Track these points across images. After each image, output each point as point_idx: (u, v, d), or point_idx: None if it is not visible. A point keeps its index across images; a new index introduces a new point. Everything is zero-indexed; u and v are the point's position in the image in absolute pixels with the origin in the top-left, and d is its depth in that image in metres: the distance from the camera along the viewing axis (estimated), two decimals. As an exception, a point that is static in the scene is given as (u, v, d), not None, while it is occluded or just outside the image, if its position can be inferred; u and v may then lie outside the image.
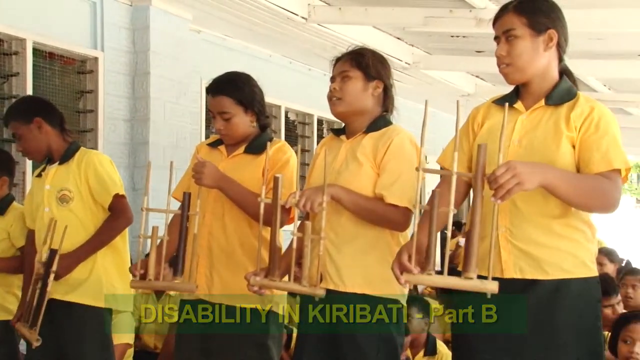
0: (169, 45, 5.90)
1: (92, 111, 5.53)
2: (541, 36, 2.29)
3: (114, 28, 5.68)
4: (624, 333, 3.36)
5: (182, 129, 6.03)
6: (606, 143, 2.21)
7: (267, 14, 5.88)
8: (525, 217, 2.27)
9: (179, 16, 5.98)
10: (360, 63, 2.67)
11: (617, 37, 6.56)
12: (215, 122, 2.96)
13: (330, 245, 2.57)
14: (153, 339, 4.87)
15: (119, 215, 3.19)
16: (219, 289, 2.88)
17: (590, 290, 2.29)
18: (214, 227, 2.90)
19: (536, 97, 2.33)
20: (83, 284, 3.15)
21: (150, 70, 5.76)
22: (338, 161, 2.65)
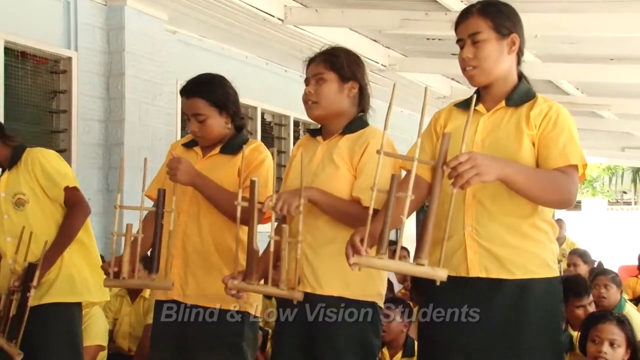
0: (144, 45, 5.86)
1: (65, 111, 5.48)
2: (505, 40, 2.34)
3: (88, 28, 5.63)
4: (592, 333, 3.40)
5: (158, 130, 5.99)
6: (563, 140, 2.27)
7: (244, 15, 5.86)
8: (492, 217, 2.29)
9: (154, 16, 5.94)
10: (334, 64, 2.66)
11: (589, 42, 6.60)
12: (189, 124, 2.94)
13: (307, 248, 2.57)
14: (127, 342, 4.86)
15: (75, 209, 3.19)
16: (193, 290, 2.88)
17: (553, 290, 2.34)
18: (189, 228, 2.90)
19: (497, 99, 2.38)
20: (54, 283, 3.14)
21: (125, 71, 5.71)
22: (314, 163, 2.65)
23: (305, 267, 2.58)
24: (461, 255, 2.31)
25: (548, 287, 2.32)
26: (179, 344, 2.90)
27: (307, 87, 2.69)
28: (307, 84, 2.70)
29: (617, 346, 3.33)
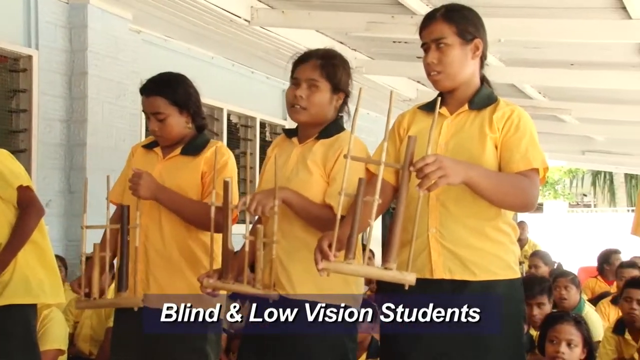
0: (107, 44, 5.80)
1: (25, 111, 5.38)
2: (469, 45, 2.37)
3: (49, 26, 5.55)
4: (550, 333, 3.46)
5: (121, 130, 5.93)
6: (525, 143, 2.30)
7: (210, 15, 5.82)
8: (455, 219, 2.31)
9: (118, 15, 5.87)
10: (331, 75, 2.62)
11: (552, 47, 6.68)
12: (149, 123, 2.91)
13: (282, 252, 2.54)
14: (88, 345, 4.83)
15: (28, 209, 3.13)
16: (155, 293, 2.83)
17: (515, 292, 2.37)
18: (150, 230, 2.87)
19: (460, 102, 2.40)
20: (8, 285, 3.07)
21: (87, 70, 5.65)
22: (288, 167, 2.63)
23: (280, 271, 2.56)
24: (425, 257, 2.32)
25: (510, 289, 2.34)
26: (140, 348, 2.86)
27: (296, 88, 2.63)
28: (296, 84, 2.64)
29: (574, 346, 3.40)
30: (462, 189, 2.24)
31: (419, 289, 2.21)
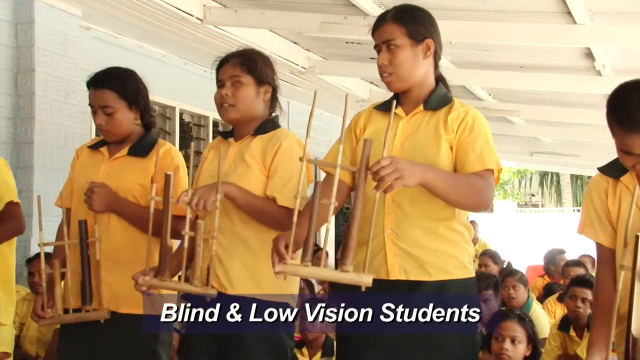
0: (55, 41, 5.70)
1: (-31, 107, 5.30)
2: (420, 45, 2.39)
3: (-6, 21, 5.46)
4: (496, 331, 3.52)
5: (70, 128, 5.83)
6: (480, 145, 2.33)
7: (162, 13, 5.75)
8: (411, 220, 2.34)
9: (66, 12, 5.77)
10: (251, 68, 2.67)
11: (501, 50, 6.76)
12: (96, 117, 2.90)
13: (220, 249, 2.55)
14: (35, 347, 4.82)
15: (10, 222, 3.10)
16: (107, 297, 2.81)
17: (469, 291, 2.40)
18: (103, 233, 2.83)
19: (415, 102, 2.43)
20: None
21: (35, 67, 5.54)
22: (226, 164, 2.65)
23: (218, 268, 2.56)
24: (381, 258, 2.34)
25: (464, 288, 2.37)
26: (88, 351, 2.83)
27: (222, 89, 2.66)
28: (221, 85, 2.67)
29: (518, 342, 3.48)
30: (417, 191, 2.26)
31: (374, 289, 2.22)
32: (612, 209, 2.22)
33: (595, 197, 2.27)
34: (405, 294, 2.31)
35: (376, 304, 2.30)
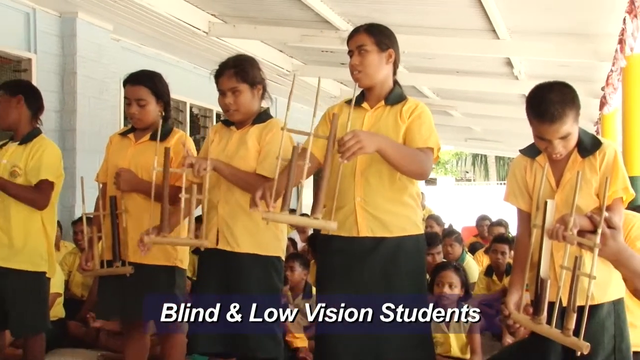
0: (92, 50, 5.70)
1: (26, 103, 5.26)
2: (384, 53, 2.39)
3: (45, 35, 5.42)
4: (437, 278, 3.58)
5: (104, 119, 5.84)
6: (425, 128, 2.33)
7: (175, 28, 5.75)
8: (376, 190, 2.32)
9: (101, 27, 5.77)
10: (245, 77, 2.63)
11: (442, 58, 6.78)
12: (130, 107, 2.86)
13: (227, 215, 2.55)
14: (80, 289, 4.80)
15: (35, 193, 2.97)
16: (132, 251, 2.79)
17: (419, 245, 2.40)
18: (127, 200, 2.82)
19: (378, 99, 2.41)
20: (21, 251, 2.96)
21: (76, 71, 5.55)
22: (230, 148, 2.62)
23: (225, 231, 2.55)
24: (353, 220, 2.33)
25: (416, 243, 2.37)
26: (121, 293, 2.80)
27: (225, 98, 2.63)
28: (222, 94, 2.64)
29: (454, 287, 3.52)
30: (380, 167, 2.28)
31: (347, 244, 2.32)
32: (529, 181, 2.19)
33: (517, 172, 2.23)
34: (371, 248, 2.30)
35: (347, 256, 2.31)
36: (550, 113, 1.99)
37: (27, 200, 2.97)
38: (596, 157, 2.07)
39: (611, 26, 4.92)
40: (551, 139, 2.03)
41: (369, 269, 2.30)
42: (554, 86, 2.05)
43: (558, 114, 1.99)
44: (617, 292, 2.07)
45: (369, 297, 2.26)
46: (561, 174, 2.10)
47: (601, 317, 2.03)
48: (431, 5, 5.15)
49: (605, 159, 2.06)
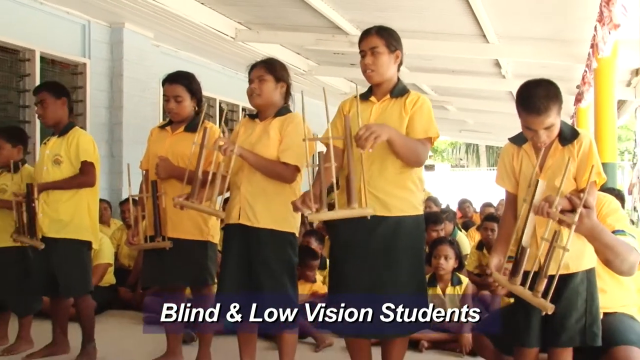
0: (136, 55, 5.75)
1: (81, 101, 5.36)
2: (393, 54, 2.36)
3: (97, 43, 5.50)
4: (434, 251, 3.55)
5: (145, 114, 5.89)
6: (424, 119, 2.30)
7: (207, 34, 5.79)
8: (379, 174, 2.30)
9: (143, 35, 5.82)
10: (272, 70, 2.63)
11: (439, 59, 6.76)
12: (168, 103, 2.88)
13: (248, 194, 2.53)
14: (127, 260, 4.86)
15: (80, 176, 3.02)
16: (171, 227, 2.79)
17: (418, 224, 2.37)
18: (166, 183, 2.82)
19: (384, 93, 2.38)
20: (69, 224, 3.00)
21: (123, 73, 5.61)
22: (254, 137, 2.59)
23: (247, 208, 2.53)
24: (359, 201, 2.26)
25: (415, 222, 2.34)
26: (162, 264, 2.82)
27: (251, 84, 2.63)
28: (250, 82, 2.64)
29: (449, 258, 3.49)
30: (383, 154, 2.24)
31: (354, 223, 2.22)
32: (516, 167, 2.15)
33: (506, 158, 2.19)
34: (374, 225, 2.25)
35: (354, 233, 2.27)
36: (537, 106, 1.98)
37: (78, 185, 3.02)
38: (574, 146, 2.04)
39: (584, 33, 4.94)
40: (537, 129, 2.01)
41: (373, 244, 2.27)
42: (541, 83, 2.03)
43: (544, 107, 1.98)
44: (589, 263, 2.06)
45: (373, 267, 2.27)
46: (544, 160, 2.08)
47: (575, 284, 2.02)
48: (429, 13, 5.16)
49: (582, 148, 2.04)
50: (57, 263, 2.97)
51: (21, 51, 4.94)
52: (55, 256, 2.97)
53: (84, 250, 3.05)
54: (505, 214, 2.21)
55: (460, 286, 3.50)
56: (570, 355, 2.11)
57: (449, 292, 3.50)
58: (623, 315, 2.30)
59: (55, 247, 2.97)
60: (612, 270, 2.10)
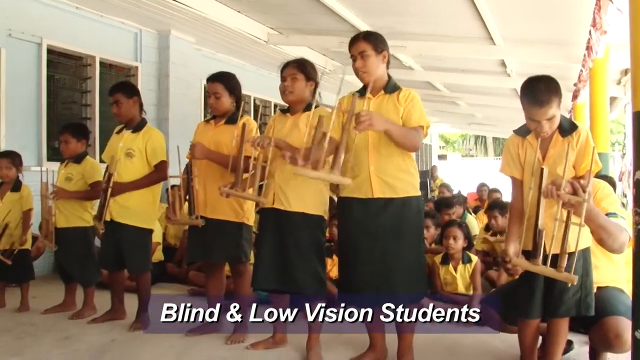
0: (180, 57, 5.81)
1: (134, 99, 5.46)
2: (380, 55, 2.33)
3: (147, 48, 5.59)
4: (445, 233, 3.55)
5: (189, 110, 5.96)
6: (417, 111, 2.30)
7: (242, 38, 5.81)
8: (385, 160, 2.29)
9: (186, 40, 5.88)
10: (303, 69, 2.61)
11: (450, 59, 6.69)
12: (210, 99, 2.89)
13: (281, 181, 2.53)
14: (174, 239, 4.94)
15: (157, 173, 3.07)
16: (211, 209, 2.80)
17: (419, 205, 2.37)
18: (207, 175, 2.82)
19: (378, 89, 2.36)
20: (136, 213, 3.06)
21: (169, 74, 5.69)
22: (285, 129, 2.59)
23: (280, 193, 2.52)
24: (368, 185, 2.30)
25: (417, 203, 2.35)
26: (203, 242, 2.83)
27: (284, 82, 2.59)
28: (283, 80, 2.60)
29: (458, 239, 3.47)
30: (388, 142, 2.24)
31: (364, 204, 2.28)
32: (521, 155, 2.14)
33: (512, 148, 2.17)
34: (383, 206, 2.27)
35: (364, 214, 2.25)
36: (540, 99, 1.98)
37: (155, 182, 3.07)
38: (573, 137, 2.05)
39: (580, 37, 4.89)
40: (540, 120, 2.01)
41: (382, 223, 2.26)
42: (542, 78, 2.03)
43: (546, 100, 1.98)
44: (585, 242, 2.06)
45: (383, 242, 2.28)
46: (546, 150, 2.09)
47: (573, 261, 2.01)
48: (442, 18, 5.10)
49: (580, 139, 2.05)
50: (124, 246, 3.04)
51: (84, 57, 5.06)
52: (122, 239, 3.04)
53: (147, 236, 3.11)
54: (514, 199, 2.19)
55: (470, 264, 3.50)
56: (566, 324, 2.14)
57: (460, 269, 3.50)
58: (613, 289, 2.32)
59: (122, 231, 3.04)
60: (605, 249, 2.11)
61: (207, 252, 2.84)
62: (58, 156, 4.22)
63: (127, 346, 2.75)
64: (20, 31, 4.46)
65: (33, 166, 4.36)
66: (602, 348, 2.28)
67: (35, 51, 4.57)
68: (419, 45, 5.84)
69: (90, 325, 3.12)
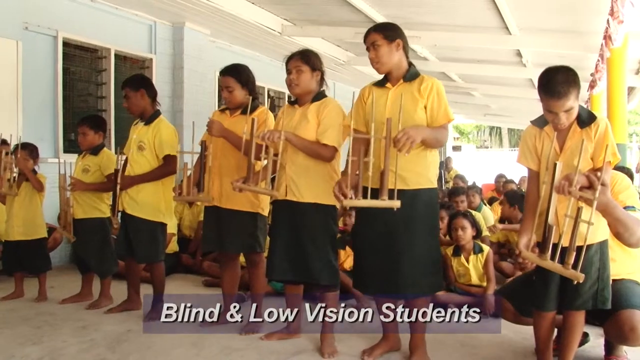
0: (195, 49, 5.81)
1: (148, 91, 5.49)
2: (393, 43, 2.31)
3: (162, 40, 5.60)
4: (452, 225, 3.52)
5: (203, 101, 5.97)
6: (442, 107, 2.28)
7: (256, 30, 5.81)
8: (401, 157, 2.25)
9: (201, 32, 5.88)
10: (308, 60, 2.59)
11: (465, 50, 6.65)
12: (223, 92, 2.89)
13: (293, 173, 2.53)
14: (188, 230, 4.95)
15: (165, 166, 3.06)
16: (225, 199, 2.80)
17: (432, 197, 2.35)
18: (223, 158, 2.82)
19: (397, 78, 2.34)
20: (145, 206, 3.06)
21: (183, 65, 5.69)
22: (294, 121, 2.58)
23: (292, 185, 2.52)
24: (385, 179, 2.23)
25: (430, 194, 2.32)
26: (218, 232, 2.84)
27: (290, 75, 2.58)
28: (289, 73, 2.58)
29: (465, 229, 3.44)
30: None
31: (373, 196, 2.21)
32: (537, 147, 2.12)
33: (528, 139, 2.15)
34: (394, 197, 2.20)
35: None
36: (557, 90, 1.95)
37: (163, 175, 3.05)
38: (592, 128, 2.01)
39: (597, 26, 4.83)
40: (557, 112, 1.98)
41: (392, 214, 2.23)
42: (560, 69, 1.99)
43: (564, 91, 1.95)
44: (603, 235, 2.04)
45: (393, 233, 2.28)
46: (564, 142, 2.05)
47: (590, 254, 2.00)
48: (457, 8, 5.06)
49: (598, 130, 2.00)
50: (132, 236, 3.08)
51: (99, 50, 5.09)
52: (131, 231, 3.09)
53: (156, 229, 3.09)
54: (530, 190, 2.16)
55: (482, 254, 3.47)
56: (583, 317, 2.11)
57: (472, 260, 3.48)
58: (629, 281, 2.28)
59: (131, 222, 3.07)
60: (622, 242, 2.08)
61: (222, 243, 2.85)
62: (74, 148, 4.32)
63: (142, 336, 2.78)
64: (36, 24, 4.50)
65: (50, 158, 4.43)
66: (616, 341, 2.25)
67: (51, 44, 4.61)
68: (434, 36, 5.79)
69: (106, 315, 3.16)
